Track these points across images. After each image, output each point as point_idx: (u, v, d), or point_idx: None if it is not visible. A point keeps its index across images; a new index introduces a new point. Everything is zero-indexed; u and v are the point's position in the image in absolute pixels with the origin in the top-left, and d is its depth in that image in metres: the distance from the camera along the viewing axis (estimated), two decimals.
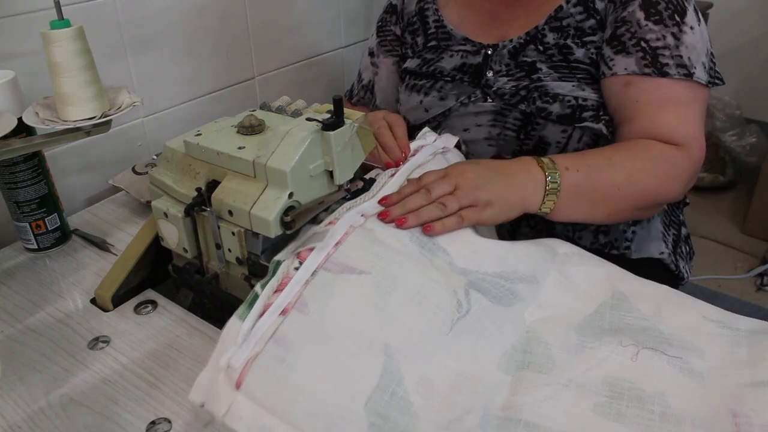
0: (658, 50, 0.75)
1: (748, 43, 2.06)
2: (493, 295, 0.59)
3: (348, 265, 0.54)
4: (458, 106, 0.86)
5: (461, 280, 0.59)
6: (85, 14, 0.93)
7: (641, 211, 0.76)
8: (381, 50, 1.01)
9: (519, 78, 0.82)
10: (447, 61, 0.89)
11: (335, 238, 0.57)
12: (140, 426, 0.56)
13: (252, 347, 0.48)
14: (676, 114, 0.75)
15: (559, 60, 0.81)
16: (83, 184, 1.01)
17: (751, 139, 2.09)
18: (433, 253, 0.60)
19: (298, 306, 0.50)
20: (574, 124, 0.79)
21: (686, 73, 0.74)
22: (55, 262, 0.81)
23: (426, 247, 0.61)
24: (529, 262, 0.64)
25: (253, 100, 1.25)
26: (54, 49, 0.63)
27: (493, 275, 0.61)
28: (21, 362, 0.64)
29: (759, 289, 1.73)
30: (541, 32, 0.82)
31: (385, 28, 1.00)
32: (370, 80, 1.03)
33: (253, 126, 0.66)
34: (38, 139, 0.67)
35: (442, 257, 0.61)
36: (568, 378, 0.53)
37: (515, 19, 0.85)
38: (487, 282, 0.60)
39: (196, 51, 1.11)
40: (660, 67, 0.74)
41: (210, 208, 0.63)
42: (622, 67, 0.76)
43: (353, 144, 0.63)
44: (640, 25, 0.75)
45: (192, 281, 0.69)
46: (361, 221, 0.60)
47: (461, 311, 0.56)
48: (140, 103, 0.69)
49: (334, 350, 0.49)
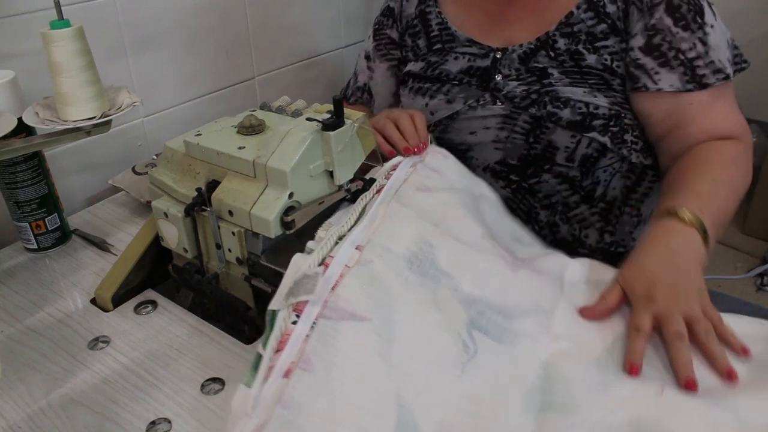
0: (694, 61, 0.76)
1: (748, 43, 2.05)
2: (492, 335, 0.56)
3: (347, 311, 0.51)
4: (466, 110, 0.85)
5: (463, 319, 0.56)
6: (85, 14, 0.93)
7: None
8: (377, 54, 1.00)
9: (530, 82, 0.82)
10: (452, 63, 0.88)
11: (330, 282, 0.53)
12: (140, 426, 0.56)
13: (261, 415, 0.45)
14: (725, 111, 0.79)
15: (571, 66, 0.80)
16: (83, 184, 1.01)
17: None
18: (436, 281, 0.58)
19: (301, 365, 0.48)
20: (583, 132, 0.79)
21: (724, 76, 0.77)
22: (55, 262, 0.81)
23: (428, 275, 0.58)
24: (533, 294, 0.61)
25: (253, 100, 1.25)
26: (54, 49, 0.63)
27: (494, 310, 0.58)
28: (21, 362, 0.64)
29: (759, 289, 1.73)
30: (552, 38, 0.81)
31: (381, 32, 0.99)
32: (365, 83, 1.03)
33: (253, 126, 0.66)
34: (38, 139, 0.67)
35: (446, 283, 0.58)
36: (593, 421, 0.49)
37: (519, 21, 0.85)
38: (486, 319, 0.57)
39: (196, 51, 1.11)
40: (699, 80, 0.76)
41: (210, 208, 0.63)
42: (668, 84, 0.77)
43: (353, 144, 0.63)
44: (672, 33, 0.76)
45: (192, 281, 0.69)
46: (356, 256, 0.56)
47: (469, 352, 0.53)
48: (140, 103, 0.69)
49: (345, 407, 0.46)
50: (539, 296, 0.61)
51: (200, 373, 0.61)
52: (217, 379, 0.60)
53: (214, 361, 0.62)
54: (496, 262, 0.63)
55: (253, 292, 0.66)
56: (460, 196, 0.70)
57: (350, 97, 1.06)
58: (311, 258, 0.55)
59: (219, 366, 0.62)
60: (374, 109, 1.03)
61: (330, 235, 0.58)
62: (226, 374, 0.61)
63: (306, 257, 0.56)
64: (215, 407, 0.57)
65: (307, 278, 0.53)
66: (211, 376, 0.61)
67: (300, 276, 0.53)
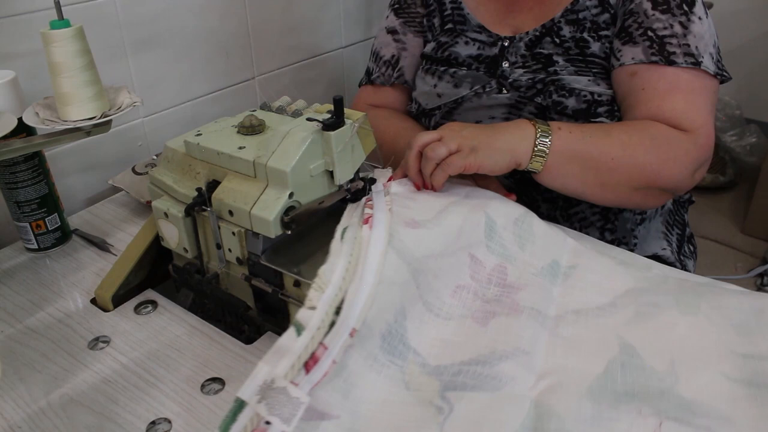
0: (665, 39, 0.75)
1: (748, 43, 2.06)
2: (471, 386, 0.53)
3: (316, 409, 0.48)
4: (472, 95, 0.86)
5: (435, 388, 0.53)
6: (85, 14, 0.93)
7: (640, 194, 0.74)
8: (407, 29, 0.96)
9: (536, 70, 0.82)
10: (462, 47, 0.88)
11: (311, 383, 0.49)
12: (140, 426, 0.56)
13: None
14: (683, 101, 0.74)
15: (576, 53, 0.81)
16: (83, 184, 1.01)
17: (751, 139, 2.09)
18: (403, 358, 0.55)
19: None
20: (589, 119, 0.79)
21: (694, 61, 0.74)
22: (56, 262, 0.81)
23: (395, 352, 0.54)
24: (509, 339, 0.57)
25: (253, 100, 1.25)
26: (54, 49, 0.63)
27: (470, 363, 0.55)
28: (21, 362, 0.64)
29: (759, 289, 1.73)
30: (557, 25, 0.82)
31: (410, 10, 0.96)
32: (393, 55, 0.97)
33: (253, 126, 0.66)
34: (38, 139, 0.67)
35: (413, 359, 0.55)
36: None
37: (529, 10, 0.85)
38: (463, 375, 0.54)
39: (196, 51, 1.11)
40: (667, 56, 0.74)
41: (210, 208, 0.63)
42: (629, 57, 0.76)
43: (353, 144, 0.63)
44: (648, 15, 0.76)
45: (192, 281, 0.69)
46: (347, 343, 0.52)
47: (444, 413, 0.50)
48: (140, 103, 0.69)
49: None
50: (516, 341, 0.57)
51: (200, 373, 0.61)
52: (217, 379, 0.60)
53: (214, 361, 0.62)
54: (463, 324, 0.59)
55: (253, 292, 0.66)
56: (445, 237, 0.63)
57: (377, 77, 0.99)
58: (300, 344, 0.50)
59: (219, 366, 0.62)
60: (402, 76, 0.97)
61: (325, 306, 0.52)
62: (226, 374, 0.61)
63: (294, 341, 0.50)
64: (215, 407, 0.57)
65: (287, 399, 0.47)
66: (211, 376, 0.61)
67: (279, 386, 0.47)
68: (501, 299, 0.61)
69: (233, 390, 0.59)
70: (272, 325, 0.67)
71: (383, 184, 0.69)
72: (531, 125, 0.70)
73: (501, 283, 0.63)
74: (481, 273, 0.63)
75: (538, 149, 0.68)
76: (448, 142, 0.66)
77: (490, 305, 0.61)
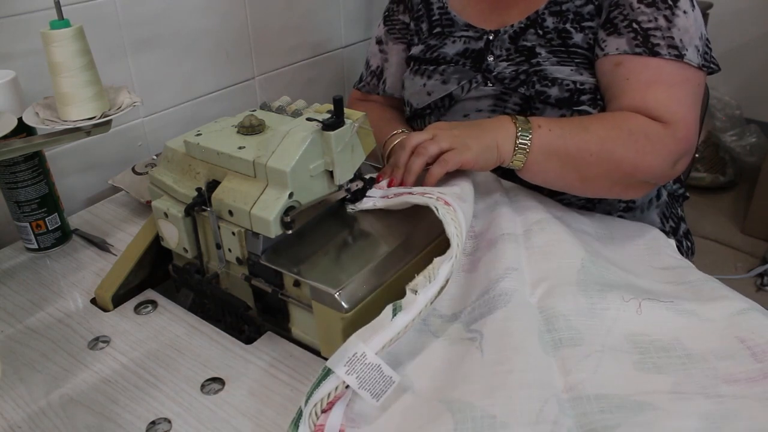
0: (650, 31, 0.75)
1: (748, 43, 2.06)
2: (488, 311, 0.60)
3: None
4: (459, 91, 0.87)
5: (458, 327, 0.61)
6: (85, 14, 0.93)
7: (620, 187, 0.75)
8: (390, 38, 1.01)
9: (519, 62, 0.83)
10: (450, 47, 0.90)
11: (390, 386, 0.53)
12: (140, 426, 0.56)
13: None
14: (665, 93, 0.75)
15: (558, 44, 0.82)
16: (83, 184, 1.01)
17: (751, 139, 2.09)
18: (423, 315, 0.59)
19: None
20: (572, 107, 0.80)
21: (677, 54, 0.75)
22: (56, 262, 0.81)
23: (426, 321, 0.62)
24: (497, 263, 0.64)
25: (253, 100, 1.25)
26: (54, 49, 0.63)
27: (477, 299, 0.62)
28: (21, 362, 0.64)
29: (759, 289, 1.73)
30: (541, 16, 0.83)
31: (393, 18, 1.01)
32: (378, 66, 1.03)
33: (253, 126, 0.66)
34: (38, 139, 0.67)
35: (432, 314, 0.63)
36: (600, 344, 0.56)
37: (515, 5, 0.86)
38: (477, 309, 0.61)
39: (196, 51, 1.11)
40: (651, 47, 0.75)
41: (210, 208, 0.63)
42: (614, 47, 0.77)
43: (353, 144, 0.63)
44: (633, 8, 0.76)
45: (192, 281, 0.69)
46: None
47: (477, 340, 0.57)
48: (140, 103, 0.69)
49: None
50: (503, 263, 0.64)
51: (200, 373, 0.61)
52: (217, 379, 0.60)
53: (214, 361, 0.63)
54: (458, 280, 0.66)
55: (253, 292, 0.66)
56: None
57: (365, 86, 1.05)
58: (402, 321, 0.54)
59: (219, 366, 0.62)
60: (386, 88, 1.02)
61: (426, 299, 0.56)
62: (226, 374, 0.61)
63: (389, 321, 0.53)
64: (215, 407, 0.57)
65: (379, 377, 0.51)
66: (211, 376, 0.61)
67: (372, 363, 0.51)
68: (478, 246, 0.70)
69: (233, 390, 0.59)
70: (272, 325, 0.67)
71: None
72: (512, 123, 0.72)
73: (472, 236, 0.72)
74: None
75: (519, 146, 0.71)
76: (440, 141, 0.69)
77: (473, 255, 0.69)
